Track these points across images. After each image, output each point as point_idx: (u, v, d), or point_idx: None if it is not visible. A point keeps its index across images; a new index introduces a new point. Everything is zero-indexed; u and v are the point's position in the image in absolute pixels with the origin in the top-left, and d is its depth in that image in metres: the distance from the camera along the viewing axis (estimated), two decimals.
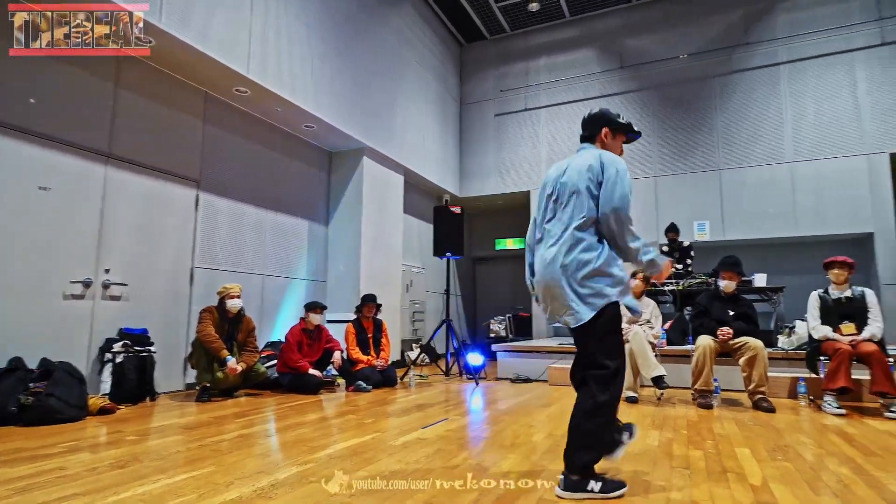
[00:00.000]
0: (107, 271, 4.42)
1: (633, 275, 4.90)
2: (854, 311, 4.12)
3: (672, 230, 6.85)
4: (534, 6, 9.09)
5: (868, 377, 3.94)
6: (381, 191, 7.66)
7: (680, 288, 6.19)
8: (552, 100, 9.47)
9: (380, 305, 5.81)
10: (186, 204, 5.22)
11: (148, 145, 4.84)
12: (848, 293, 4.19)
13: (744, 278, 4.95)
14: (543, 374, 5.77)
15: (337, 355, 5.24)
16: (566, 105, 9.31)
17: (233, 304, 4.69)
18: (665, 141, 8.59)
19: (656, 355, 4.55)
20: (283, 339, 5.40)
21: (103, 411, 3.75)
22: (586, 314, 2.08)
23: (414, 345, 8.55)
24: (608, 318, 2.10)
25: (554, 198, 2.25)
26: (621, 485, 2.08)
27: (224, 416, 3.75)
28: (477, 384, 5.63)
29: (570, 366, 2.29)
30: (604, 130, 2.30)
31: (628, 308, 2.16)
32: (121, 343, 4.28)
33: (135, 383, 4.25)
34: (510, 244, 10.76)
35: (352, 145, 7.19)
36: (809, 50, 7.88)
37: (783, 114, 7.93)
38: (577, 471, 2.05)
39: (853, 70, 7.62)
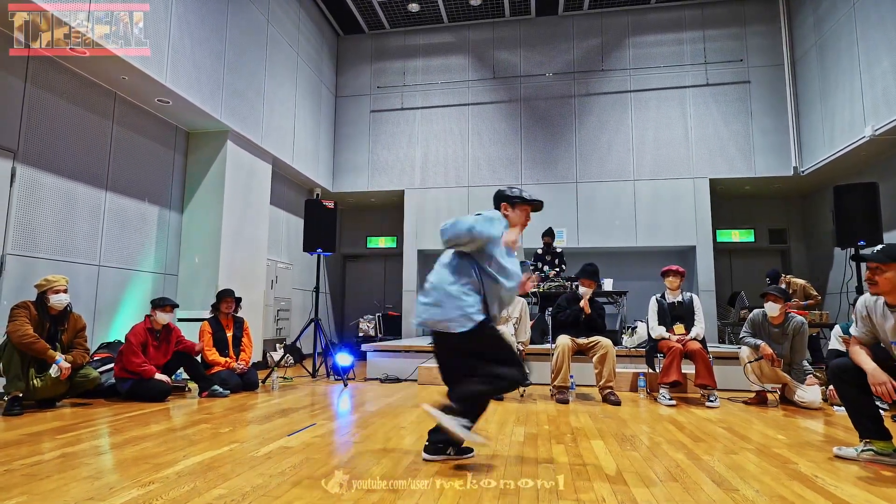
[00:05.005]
0: None
1: None
2: (684, 314, 4.74)
3: (548, 234, 7.19)
4: (413, 7, 9.12)
5: (693, 371, 4.55)
6: (245, 178, 7.09)
7: (541, 290, 6.61)
8: (428, 102, 9.57)
9: (239, 300, 5.36)
10: None
11: None
12: (679, 298, 4.81)
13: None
14: (413, 373, 5.78)
15: (200, 347, 4.91)
16: (441, 108, 9.48)
17: (58, 300, 3.97)
18: (531, 151, 9.15)
19: (520, 353, 4.79)
20: (121, 340, 4.73)
21: None
22: None
23: (277, 345, 8.07)
24: None
25: None
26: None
27: (41, 432, 3.16)
28: (345, 385, 5.47)
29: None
30: (502, 205, 2.70)
31: None
32: None
33: None
34: (382, 243, 10.64)
35: (213, 126, 6.56)
36: (652, 82, 8.95)
37: (629, 136, 8.90)
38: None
39: (684, 104, 8.81)
